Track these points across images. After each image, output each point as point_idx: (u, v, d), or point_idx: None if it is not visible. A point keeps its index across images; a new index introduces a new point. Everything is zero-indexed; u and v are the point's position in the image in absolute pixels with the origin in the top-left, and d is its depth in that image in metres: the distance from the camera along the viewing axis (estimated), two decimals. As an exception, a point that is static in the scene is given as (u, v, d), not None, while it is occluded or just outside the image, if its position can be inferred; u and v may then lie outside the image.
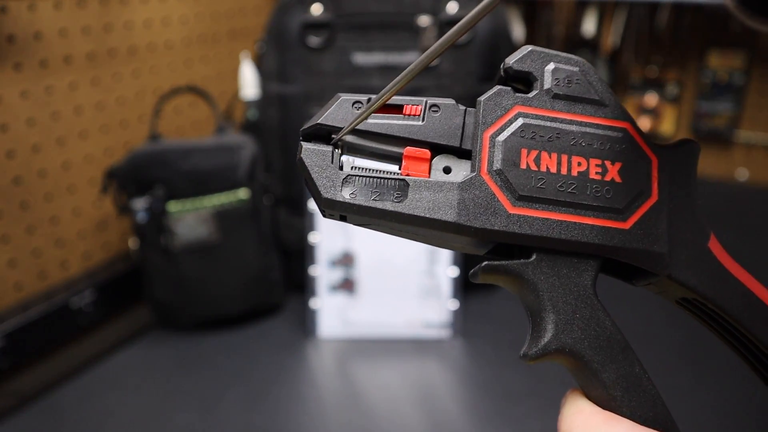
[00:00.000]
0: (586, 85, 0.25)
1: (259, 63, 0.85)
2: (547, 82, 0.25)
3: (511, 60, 0.26)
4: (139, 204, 0.74)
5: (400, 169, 0.26)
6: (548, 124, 0.25)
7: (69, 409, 0.65)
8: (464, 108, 0.26)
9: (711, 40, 1.19)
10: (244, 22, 1.08)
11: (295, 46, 0.80)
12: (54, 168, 0.77)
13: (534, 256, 0.25)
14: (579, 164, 0.25)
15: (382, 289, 0.77)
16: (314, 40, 0.80)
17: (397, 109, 0.26)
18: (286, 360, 0.73)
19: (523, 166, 0.25)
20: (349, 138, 0.26)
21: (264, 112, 0.84)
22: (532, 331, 0.26)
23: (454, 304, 0.77)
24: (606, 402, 0.25)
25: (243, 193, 0.77)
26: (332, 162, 0.26)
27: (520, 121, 0.25)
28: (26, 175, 0.73)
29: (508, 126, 0.25)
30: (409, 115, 0.26)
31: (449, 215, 0.25)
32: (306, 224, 0.77)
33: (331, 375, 0.72)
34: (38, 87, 0.73)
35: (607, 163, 0.25)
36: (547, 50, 0.26)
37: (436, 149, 0.26)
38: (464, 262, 0.78)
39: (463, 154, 0.26)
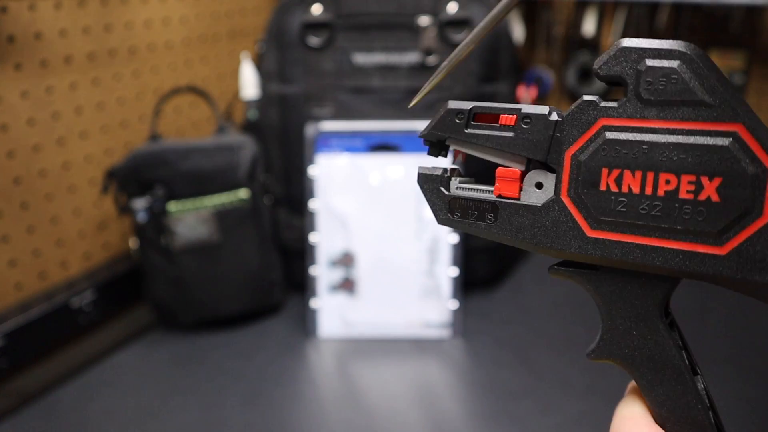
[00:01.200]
0: (686, 83, 0.22)
1: (259, 63, 0.85)
2: (638, 86, 0.23)
3: (599, 63, 0.23)
4: (140, 204, 0.74)
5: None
6: (635, 137, 0.23)
7: (69, 409, 0.65)
8: (555, 120, 0.24)
9: (710, 40, 1.19)
10: (244, 22, 1.08)
11: (295, 46, 0.80)
12: (54, 168, 0.77)
13: (601, 269, 0.25)
14: (668, 182, 0.22)
15: (382, 289, 0.77)
16: (314, 40, 0.80)
17: (494, 118, 0.26)
18: (286, 360, 0.73)
19: (603, 187, 0.23)
20: (457, 147, 0.28)
21: (264, 112, 0.84)
22: (599, 332, 0.26)
23: (454, 304, 0.77)
24: (654, 415, 0.25)
25: (243, 193, 0.77)
26: (441, 184, 0.28)
27: (603, 137, 0.23)
28: (26, 175, 0.73)
29: (591, 143, 0.23)
30: (503, 125, 0.26)
31: (530, 237, 0.25)
32: (306, 224, 0.77)
33: (331, 375, 0.72)
34: (39, 87, 0.73)
35: (704, 179, 0.22)
36: (641, 43, 0.23)
37: (530, 162, 0.26)
38: (465, 261, 0.78)
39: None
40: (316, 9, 0.80)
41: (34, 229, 0.75)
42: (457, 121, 0.27)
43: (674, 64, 0.22)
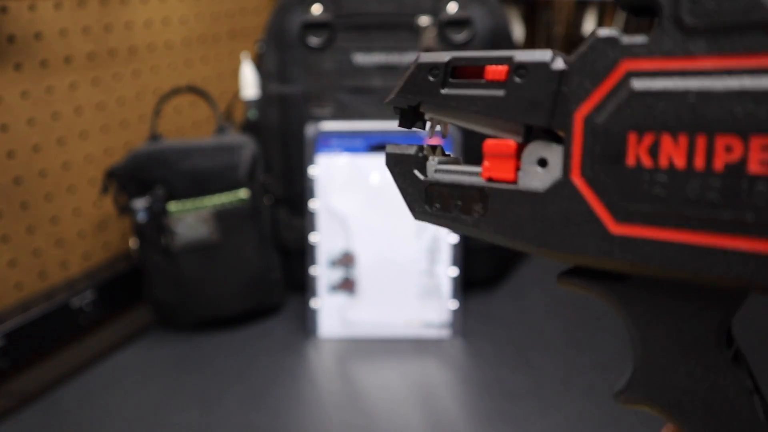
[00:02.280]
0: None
1: (259, 63, 0.85)
2: (678, 7, 0.15)
3: None
4: (140, 204, 0.74)
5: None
6: (676, 84, 0.16)
7: (69, 409, 0.65)
8: (560, 70, 0.18)
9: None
10: (244, 22, 1.08)
11: (295, 46, 0.80)
12: (54, 168, 0.77)
13: (629, 279, 0.18)
14: (729, 150, 0.15)
15: (382, 289, 0.77)
16: (314, 40, 0.80)
17: (479, 72, 0.19)
18: (286, 360, 0.73)
19: (632, 162, 0.16)
20: (432, 114, 0.21)
21: (264, 112, 0.84)
22: (632, 366, 0.19)
23: (454, 304, 0.77)
24: None
25: (243, 193, 0.77)
26: (414, 166, 0.21)
27: (628, 87, 0.16)
28: (26, 175, 0.73)
29: (611, 98, 0.17)
30: (490, 80, 0.19)
31: (531, 236, 0.19)
32: (306, 224, 0.77)
33: (331, 375, 0.72)
34: (38, 87, 0.73)
35: None
36: None
37: (529, 131, 0.19)
38: (465, 261, 0.78)
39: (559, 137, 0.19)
40: (316, 9, 0.80)
41: (34, 229, 0.75)
42: (431, 78, 0.20)
43: None
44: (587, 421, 0.62)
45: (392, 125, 0.76)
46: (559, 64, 0.18)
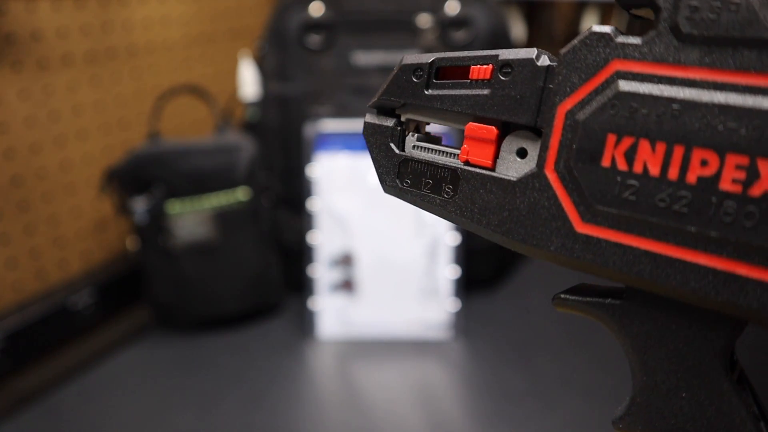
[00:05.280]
0: (752, 12, 0.14)
1: (259, 62, 0.84)
2: (677, 12, 0.15)
3: None
4: (139, 204, 0.73)
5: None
6: (663, 90, 0.15)
7: (69, 409, 0.65)
8: (546, 66, 0.18)
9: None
10: (244, 22, 1.07)
11: (295, 46, 0.80)
12: (52, 168, 0.76)
13: (627, 299, 0.17)
14: (704, 164, 0.15)
15: (382, 289, 0.77)
16: (314, 40, 0.79)
17: (464, 72, 0.19)
18: (285, 361, 0.73)
19: (607, 162, 0.16)
20: (412, 116, 0.21)
21: (264, 111, 0.83)
22: (631, 390, 0.18)
23: (454, 305, 0.76)
24: None
25: (242, 194, 0.76)
26: (391, 139, 0.21)
27: (615, 87, 0.16)
28: (25, 175, 0.73)
29: (596, 96, 0.16)
30: (475, 80, 0.19)
31: (496, 224, 0.19)
32: (306, 224, 0.77)
33: (330, 376, 0.72)
34: (36, 86, 0.73)
35: (762, 163, 0.14)
36: None
37: (508, 125, 0.19)
38: (466, 262, 0.77)
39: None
40: (317, 9, 0.80)
41: (32, 230, 0.75)
42: (415, 80, 0.20)
43: None
44: (587, 421, 0.62)
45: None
46: (545, 60, 0.18)
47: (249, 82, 0.87)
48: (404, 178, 0.21)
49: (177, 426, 0.63)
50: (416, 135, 0.21)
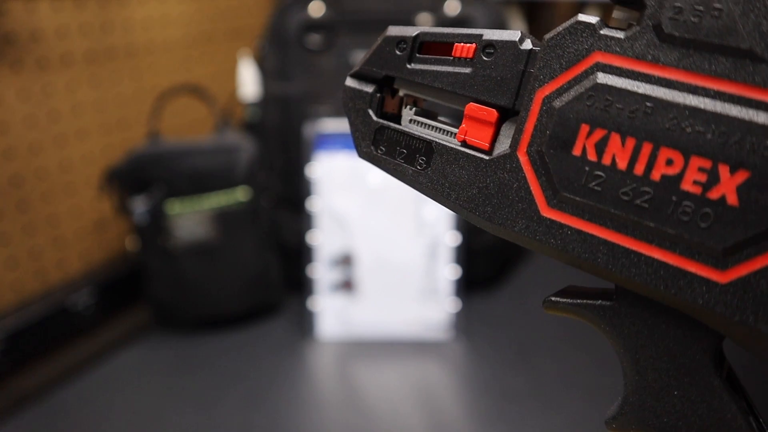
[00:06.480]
0: (732, 20, 0.14)
1: (260, 62, 0.84)
2: (661, 11, 0.15)
3: None
4: (138, 204, 0.73)
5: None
6: (638, 87, 0.16)
7: (69, 409, 0.65)
8: (528, 50, 0.18)
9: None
10: (243, 21, 1.07)
11: (295, 46, 0.80)
12: (52, 168, 0.76)
13: (616, 300, 0.18)
14: (669, 163, 0.15)
15: (382, 289, 0.77)
16: (314, 40, 0.79)
17: (447, 48, 0.19)
18: (285, 361, 0.73)
19: (578, 151, 0.17)
20: (409, 91, 0.21)
21: (264, 111, 0.83)
22: (623, 391, 0.19)
23: (455, 305, 0.76)
24: None
25: (242, 194, 0.76)
26: (369, 105, 0.21)
27: (593, 79, 0.16)
28: (24, 175, 0.73)
29: (575, 85, 0.17)
30: (458, 57, 0.19)
31: (464, 200, 0.19)
32: (306, 224, 0.77)
33: (330, 376, 0.72)
34: (36, 86, 0.73)
35: (722, 169, 0.15)
36: None
37: (508, 110, 0.19)
38: (466, 262, 0.77)
39: None
40: (317, 8, 0.79)
41: (31, 230, 0.75)
42: (398, 52, 0.20)
43: None
44: (587, 421, 0.62)
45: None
46: (528, 44, 0.18)
47: (249, 81, 0.87)
48: (379, 146, 0.21)
49: (177, 426, 0.63)
50: (414, 109, 0.21)
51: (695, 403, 0.17)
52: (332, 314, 0.77)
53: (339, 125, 0.75)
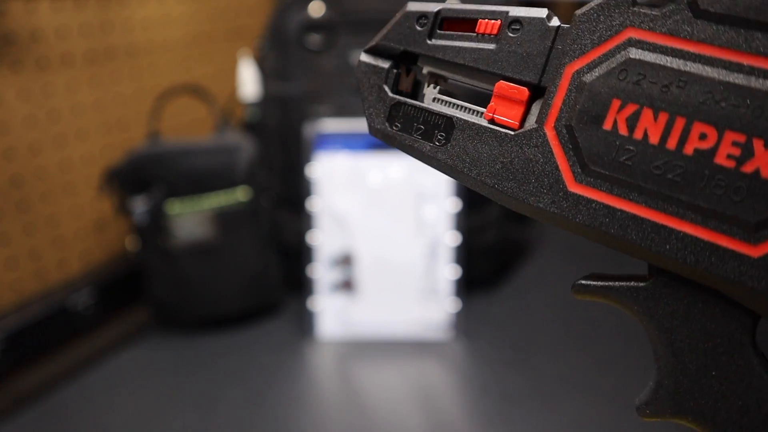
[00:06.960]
0: None
1: (260, 62, 0.84)
2: None
3: None
4: (138, 204, 0.73)
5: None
6: (672, 63, 0.16)
7: (69, 410, 0.65)
8: (557, 26, 0.18)
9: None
10: (243, 21, 1.07)
11: (295, 46, 0.80)
12: (52, 168, 0.76)
13: (651, 281, 0.17)
14: (702, 137, 0.15)
15: (382, 289, 0.77)
16: (314, 40, 0.79)
17: (470, 25, 0.19)
18: (285, 361, 0.73)
19: (608, 125, 0.17)
20: (433, 69, 0.20)
21: (264, 111, 0.83)
22: (654, 375, 0.18)
23: (455, 305, 0.76)
24: None
25: (242, 194, 0.76)
26: (386, 81, 0.21)
27: (626, 54, 0.16)
28: (24, 175, 0.73)
29: (606, 60, 0.17)
30: (482, 33, 0.19)
31: (487, 176, 0.18)
32: (306, 224, 0.76)
33: (330, 376, 0.72)
34: (36, 86, 0.73)
35: (757, 144, 0.15)
36: None
37: (534, 89, 0.18)
38: (466, 262, 0.77)
39: None
40: (317, 8, 0.79)
41: (31, 230, 0.75)
42: (419, 27, 0.20)
43: None
44: (588, 422, 0.62)
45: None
46: (555, 21, 0.18)
47: (249, 82, 0.87)
48: (394, 122, 0.21)
49: (177, 426, 0.63)
50: (437, 87, 0.21)
51: (734, 382, 0.16)
52: (332, 314, 0.77)
53: (339, 125, 0.75)
